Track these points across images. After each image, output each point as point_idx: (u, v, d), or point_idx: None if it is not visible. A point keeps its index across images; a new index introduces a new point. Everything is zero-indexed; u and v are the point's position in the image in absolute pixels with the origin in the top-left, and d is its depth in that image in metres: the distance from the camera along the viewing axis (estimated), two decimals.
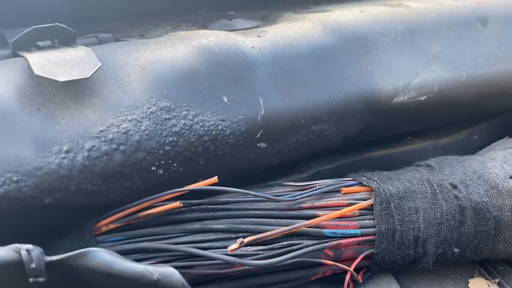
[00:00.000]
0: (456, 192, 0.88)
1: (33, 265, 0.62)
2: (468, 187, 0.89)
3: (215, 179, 0.80)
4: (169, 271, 0.65)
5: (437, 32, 1.02)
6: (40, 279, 0.63)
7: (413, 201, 0.86)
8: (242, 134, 0.84)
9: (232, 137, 0.84)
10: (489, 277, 0.95)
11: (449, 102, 1.01)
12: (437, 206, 0.87)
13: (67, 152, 0.73)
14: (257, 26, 1.03)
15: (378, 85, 0.94)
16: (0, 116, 0.71)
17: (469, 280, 0.94)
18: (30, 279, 0.62)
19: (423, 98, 0.98)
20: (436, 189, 0.88)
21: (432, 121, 1.07)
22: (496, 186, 0.88)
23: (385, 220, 0.85)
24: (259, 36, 0.92)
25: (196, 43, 0.86)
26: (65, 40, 0.84)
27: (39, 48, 0.81)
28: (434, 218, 0.86)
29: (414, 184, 0.89)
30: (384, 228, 0.84)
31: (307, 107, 0.89)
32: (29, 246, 0.63)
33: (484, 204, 0.87)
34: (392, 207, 0.85)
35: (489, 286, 0.93)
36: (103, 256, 0.65)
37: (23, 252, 0.62)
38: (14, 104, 0.73)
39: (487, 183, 0.89)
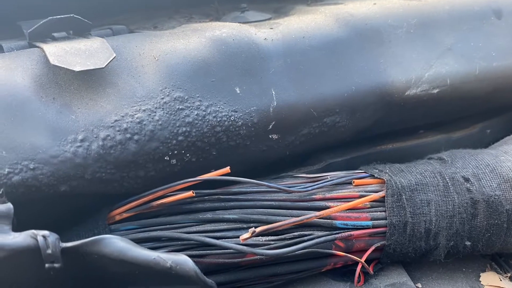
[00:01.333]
0: (468, 185, 0.88)
1: (49, 251, 0.63)
2: (480, 180, 0.88)
3: (227, 169, 0.81)
4: (182, 259, 0.66)
5: (450, 24, 1.01)
6: (56, 265, 0.64)
7: (425, 193, 0.86)
8: (254, 125, 0.85)
9: (244, 128, 0.84)
10: (501, 271, 0.95)
11: (462, 96, 1.01)
12: (449, 199, 0.86)
13: (82, 141, 0.74)
14: (269, 19, 1.03)
15: (390, 78, 0.94)
16: (17, 105, 0.72)
17: (480, 274, 0.94)
18: (46, 265, 0.63)
19: (435, 91, 0.97)
20: (448, 182, 0.88)
21: (444, 114, 1.06)
22: (509, 180, 0.87)
23: (397, 212, 0.85)
24: (271, 28, 0.92)
25: (209, 35, 0.86)
26: (80, 31, 0.85)
27: (55, 39, 0.83)
28: (446, 210, 0.86)
29: (426, 177, 0.88)
30: (396, 220, 0.84)
31: (319, 99, 0.89)
32: (45, 232, 0.64)
33: (496, 197, 0.86)
34: (404, 199, 0.85)
35: (500, 280, 0.92)
36: (117, 243, 0.66)
37: (40, 238, 0.63)
38: (30, 93, 0.74)
39: (500, 176, 0.88)
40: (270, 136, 0.88)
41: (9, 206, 0.65)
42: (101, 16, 1.04)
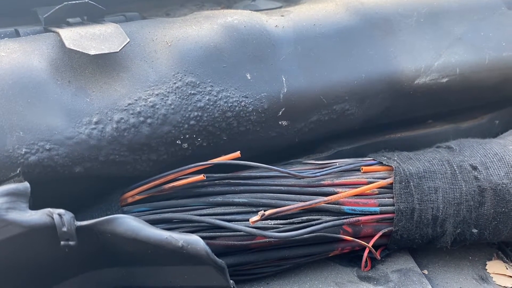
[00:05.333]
0: (476, 173, 0.88)
1: (64, 229, 0.65)
2: (488, 168, 0.89)
3: (237, 153, 0.82)
4: (193, 239, 0.68)
5: (460, 14, 1.01)
6: (71, 243, 0.66)
7: (432, 181, 0.87)
8: (264, 111, 0.86)
9: (254, 113, 0.85)
10: (507, 260, 0.96)
11: (471, 85, 1.01)
12: (457, 187, 0.87)
13: (96, 123, 0.75)
14: (280, 7, 1.04)
15: (400, 66, 0.95)
16: (34, 87, 0.74)
17: (486, 263, 0.95)
18: (62, 242, 0.65)
19: (445, 80, 0.98)
20: (456, 170, 0.88)
21: (453, 104, 1.07)
22: None
23: (404, 199, 0.86)
24: (282, 16, 0.93)
25: (221, 21, 0.88)
26: (94, 17, 0.87)
27: (70, 25, 0.84)
28: (453, 198, 0.87)
29: (434, 165, 0.89)
30: (403, 206, 0.85)
31: (329, 86, 0.90)
32: (61, 210, 0.66)
33: (504, 185, 0.87)
34: (412, 186, 0.86)
35: (507, 269, 0.93)
36: (130, 223, 0.67)
37: (56, 216, 0.65)
38: (46, 76, 0.76)
39: (508, 165, 0.89)
40: (280, 123, 0.89)
41: (26, 185, 0.67)
42: (114, 3, 1.05)
